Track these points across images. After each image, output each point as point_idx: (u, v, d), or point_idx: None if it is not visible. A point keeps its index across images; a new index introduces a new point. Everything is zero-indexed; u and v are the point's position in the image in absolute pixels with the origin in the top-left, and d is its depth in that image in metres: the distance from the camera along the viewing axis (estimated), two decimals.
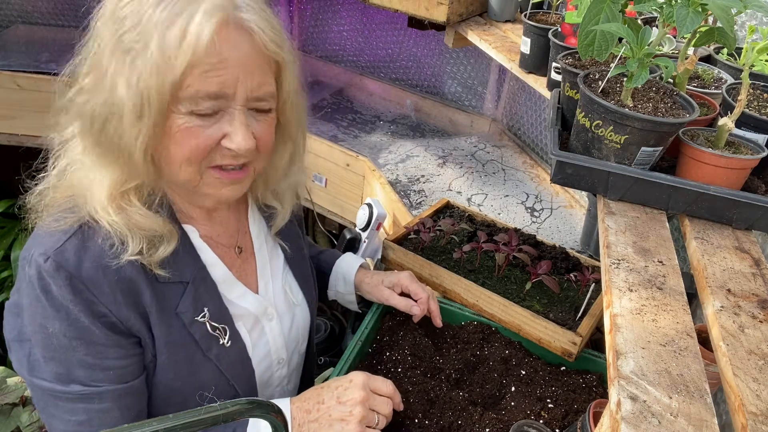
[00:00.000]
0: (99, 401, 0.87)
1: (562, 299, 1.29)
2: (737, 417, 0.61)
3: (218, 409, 0.83)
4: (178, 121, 0.82)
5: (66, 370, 0.85)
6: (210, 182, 0.89)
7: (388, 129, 2.65)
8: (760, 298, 0.77)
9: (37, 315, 0.84)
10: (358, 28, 2.97)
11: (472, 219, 1.60)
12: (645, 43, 0.88)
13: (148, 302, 0.88)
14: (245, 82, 0.83)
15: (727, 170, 0.89)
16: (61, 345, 0.84)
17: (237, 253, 1.04)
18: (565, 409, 1.10)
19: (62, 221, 0.86)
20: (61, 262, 0.82)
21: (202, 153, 0.85)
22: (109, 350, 0.87)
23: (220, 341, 0.96)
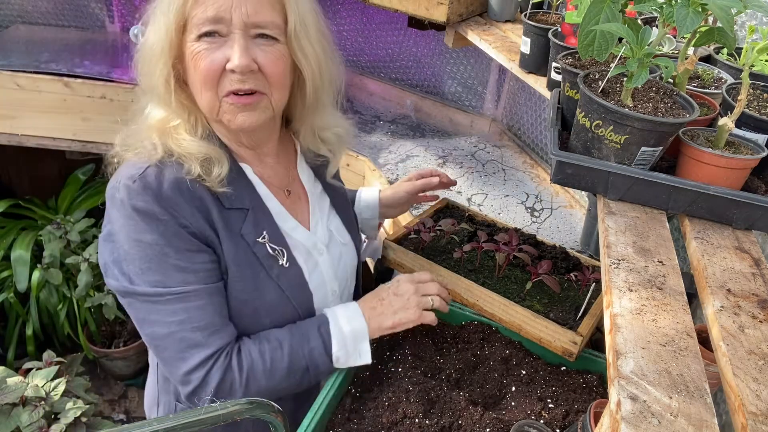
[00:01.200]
0: (195, 299, 0.99)
1: (563, 299, 1.29)
2: (737, 417, 0.61)
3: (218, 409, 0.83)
4: (190, 48, 0.98)
5: (162, 275, 0.98)
6: (226, 109, 1.01)
7: (388, 129, 2.65)
8: (760, 298, 0.77)
9: (131, 232, 0.97)
10: (358, 28, 2.97)
11: (473, 219, 1.60)
12: (645, 43, 0.88)
13: (217, 221, 1.02)
14: (239, 8, 0.95)
15: (727, 170, 0.89)
16: (155, 254, 0.97)
17: (286, 195, 1.18)
18: (566, 409, 1.11)
19: (141, 154, 1.02)
20: (146, 184, 0.97)
21: (212, 75, 0.98)
22: (195, 255, 1.00)
23: (280, 262, 1.09)
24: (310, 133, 1.19)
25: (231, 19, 0.95)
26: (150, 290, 0.98)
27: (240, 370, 1.01)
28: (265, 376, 1.03)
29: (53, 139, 2.83)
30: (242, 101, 1.00)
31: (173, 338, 0.99)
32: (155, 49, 0.98)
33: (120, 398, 3.14)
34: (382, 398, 1.10)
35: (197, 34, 0.96)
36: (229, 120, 1.02)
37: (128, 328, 3.07)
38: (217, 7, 0.95)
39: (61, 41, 3.10)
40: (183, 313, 0.98)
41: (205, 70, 0.97)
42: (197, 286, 0.99)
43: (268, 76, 1.00)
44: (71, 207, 3.29)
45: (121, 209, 0.98)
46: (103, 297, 2.77)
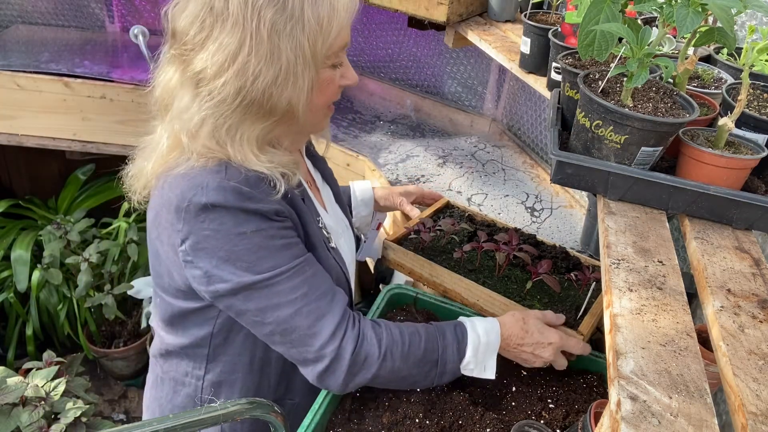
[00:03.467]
0: (308, 268, 1.02)
1: (563, 298, 1.29)
2: (737, 417, 0.61)
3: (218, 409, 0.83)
4: (325, 75, 1.02)
5: (274, 258, 0.99)
6: (326, 119, 1.12)
7: (388, 129, 2.65)
8: (760, 298, 0.77)
9: (231, 229, 0.97)
10: (358, 28, 2.97)
11: (473, 219, 1.60)
12: (645, 43, 0.88)
13: (299, 207, 1.07)
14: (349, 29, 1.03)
15: (727, 170, 0.90)
16: (261, 239, 0.98)
17: (310, 185, 1.23)
18: (566, 409, 1.11)
19: (209, 163, 0.99)
20: (234, 185, 0.96)
21: (335, 96, 1.08)
22: (291, 231, 1.03)
23: (330, 243, 1.17)
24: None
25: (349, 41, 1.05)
26: (267, 275, 0.98)
27: (379, 344, 1.02)
28: (401, 357, 1.03)
29: (53, 139, 2.83)
30: (332, 110, 1.12)
31: (301, 315, 0.99)
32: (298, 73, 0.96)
33: (120, 398, 3.14)
34: (383, 398, 1.10)
35: (334, 63, 1.04)
36: (322, 128, 1.14)
37: (128, 328, 3.07)
38: (347, 32, 1.02)
39: (61, 41, 3.10)
40: (304, 286, 1.00)
41: (333, 93, 1.07)
42: (305, 256, 1.03)
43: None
44: (71, 207, 3.29)
45: (211, 213, 0.96)
46: (103, 297, 2.77)
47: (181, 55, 0.97)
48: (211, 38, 0.93)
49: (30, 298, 2.92)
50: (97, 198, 3.30)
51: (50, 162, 3.41)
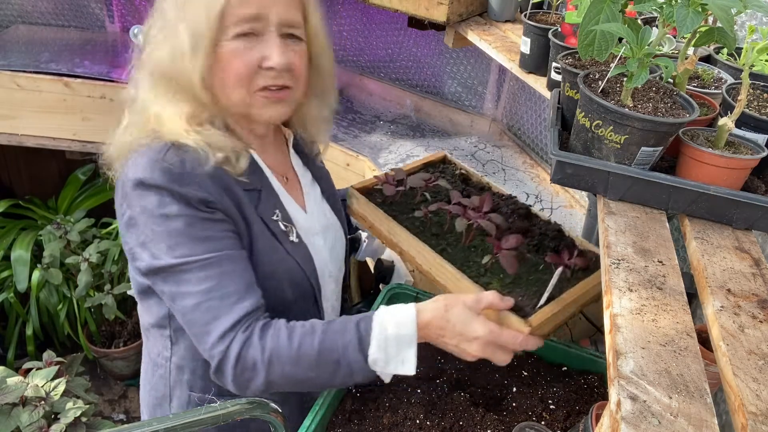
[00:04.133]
0: (222, 265, 1.00)
1: (533, 281, 1.12)
2: (737, 417, 0.60)
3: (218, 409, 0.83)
4: (226, 47, 1.00)
5: (190, 247, 0.99)
6: (257, 103, 1.05)
7: (388, 129, 2.65)
8: (760, 298, 0.77)
9: (154, 209, 0.99)
10: (358, 28, 2.97)
11: (466, 180, 1.45)
12: (645, 43, 0.88)
13: (241, 198, 1.06)
14: (276, 8, 1.00)
15: (727, 170, 0.89)
16: (181, 225, 0.99)
17: (284, 180, 1.21)
18: (567, 410, 1.11)
19: (154, 142, 1.03)
20: (170, 164, 1.00)
21: (248, 74, 1.01)
22: (218, 224, 1.02)
23: (290, 238, 1.13)
24: (300, 121, 1.25)
25: (268, 17, 1.00)
26: (178, 261, 0.99)
27: (263, 349, 0.98)
28: (291, 362, 0.98)
29: (53, 139, 2.83)
30: (275, 96, 1.05)
31: (200, 310, 0.99)
32: (192, 46, 0.99)
33: (120, 398, 3.14)
34: (383, 399, 1.10)
35: (236, 33, 0.99)
36: (259, 113, 1.07)
37: (128, 328, 3.07)
38: (258, 5, 0.99)
39: (61, 41, 3.10)
40: (210, 280, 0.99)
41: (242, 69, 1.01)
42: (223, 252, 1.01)
43: (297, 74, 1.06)
44: (71, 207, 3.29)
45: (141, 190, 0.99)
46: (103, 297, 2.77)
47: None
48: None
49: (30, 298, 2.92)
50: (97, 198, 3.30)
51: (50, 162, 3.42)
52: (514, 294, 1.07)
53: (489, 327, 0.97)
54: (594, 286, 1.09)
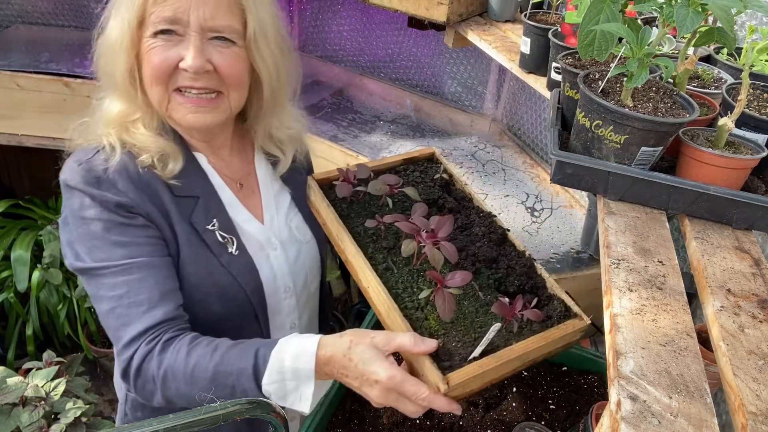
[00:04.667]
0: (137, 271, 1.00)
1: (478, 324, 0.97)
2: (737, 417, 0.60)
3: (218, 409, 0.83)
4: (146, 44, 1.00)
5: (107, 251, 1.00)
6: (175, 107, 1.04)
7: (388, 129, 2.64)
8: (760, 298, 0.77)
9: (76, 211, 1.01)
10: (358, 28, 2.96)
11: (448, 185, 1.27)
12: (645, 43, 0.88)
13: (167, 204, 1.05)
14: (197, 11, 0.98)
15: (727, 170, 0.89)
16: (98, 229, 1.00)
17: (239, 188, 1.18)
18: (567, 410, 1.11)
19: (93, 142, 1.06)
20: (92, 167, 1.02)
21: (165, 71, 1.00)
22: (138, 230, 1.02)
23: (229, 249, 1.10)
24: (263, 132, 1.21)
25: (188, 21, 0.98)
26: (95, 265, 1.00)
27: (159, 364, 0.95)
28: (185, 381, 0.94)
29: (53, 139, 2.82)
30: (194, 102, 1.03)
31: (113, 315, 0.99)
32: (117, 43, 1.01)
33: None
34: None
35: (153, 31, 0.99)
36: (179, 118, 1.05)
37: None
38: (175, 8, 0.97)
39: (61, 41, 3.10)
40: (124, 286, 0.99)
41: (157, 65, 1.00)
42: (140, 259, 1.01)
43: (225, 76, 1.03)
44: None
45: (67, 191, 1.03)
46: None
47: None
48: None
49: (30, 298, 2.92)
50: None
51: (50, 162, 3.41)
52: (450, 337, 0.93)
53: (391, 372, 0.86)
54: (548, 343, 0.95)
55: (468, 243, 1.09)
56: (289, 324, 1.24)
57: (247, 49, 1.06)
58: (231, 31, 1.02)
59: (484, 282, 1.04)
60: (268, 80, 1.11)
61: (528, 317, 0.94)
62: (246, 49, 1.05)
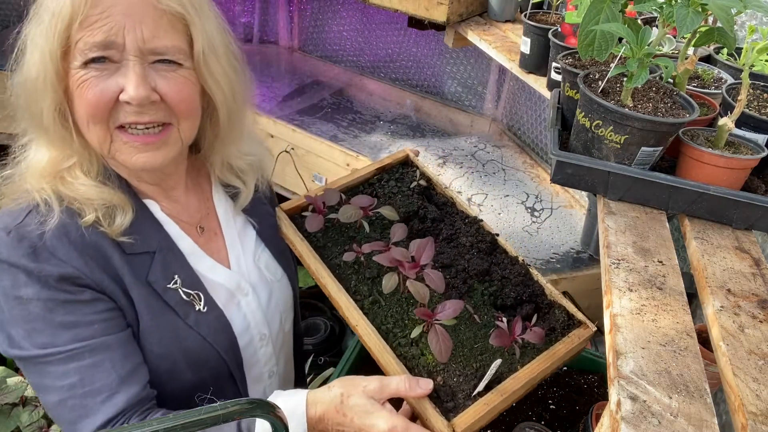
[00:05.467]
0: (89, 355, 0.87)
1: (478, 351, 0.91)
2: (737, 417, 0.60)
3: (218, 409, 0.83)
4: (75, 77, 0.84)
5: (50, 335, 0.86)
6: (120, 148, 0.89)
7: (388, 129, 2.65)
8: (760, 298, 0.77)
9: (9, 289, 0.85)
10: (358, 28, 2.97)
11: (428, 191, 1.17)
12: (645, 43, 0.88)
13: (119, 267, 0.90)
14: (134, 31, 0.82)
15: (727, 170, 0.89)
16: (39, 311, 0.85)
17: (199, 233, 1.04)
18: (567, 410, 1.11)
19: (21, 200, 0.89)
20: (24, 234, 0.85)
21: (103, 107, 0.85)
22: (88, 305, 0.87)
23: (196, 307, 0.97)
24: (220, 163, 1.07)
25: (124, 44, 0.82)
26: (39, 352, 0.85)
27: None
28: None
29: None
30: (142, 140, 0.88)
31: (65, 407, 0.86)
32: (38, 79, 0.84)
33: None
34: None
35: (83, 61, 0.83)
36: (125, 159, 0.90)
37: None
38: (107, 30, 0.81)
39: None
40: (75, 375, 0.86)
41: (93, 101, 0.84)
42: (91, 341, 0.87)
43: (174, 105, 0.88)
44: None
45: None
46: None
47: None
48: None
49: None
50: None
51: None
52: (450, 371, 0.88)
53: (392, 422, 0.81)
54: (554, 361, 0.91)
55: (456, 256, 1.04)
56: (267, 374, 1.13)
57: (196, 71, 0.91)
58: (176, 51, 0.87)
59: (479, 299, 0.99)
60: (223, 103, 0.96)
61: (529, 340, 0.91)
62: (195, 71, 0.91)
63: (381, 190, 1.18)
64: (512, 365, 0.90)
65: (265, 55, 3.21)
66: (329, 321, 2.52)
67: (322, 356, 2.39)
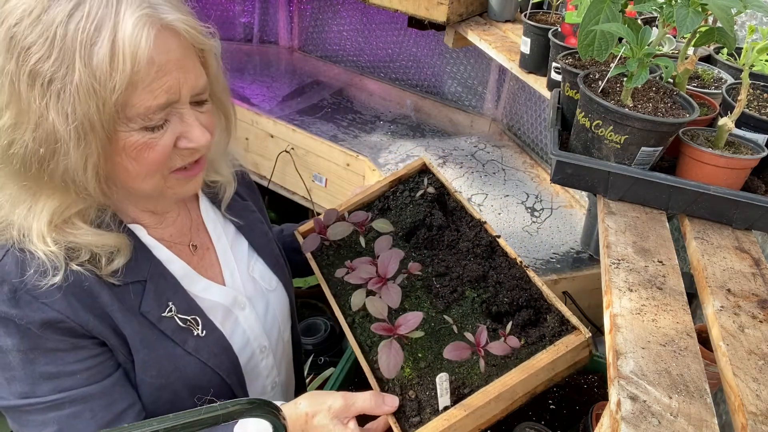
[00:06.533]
0: (69, 406, 0.84)
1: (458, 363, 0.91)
2: (737, 417, 0.60)
3: (218, 409, 0.83)
4: (131, 139, 0.80)
5: (30, 385, 0.83)
6: (173, 185, 0.89)
7: (388, 129, 2.65)
8: (760, 298, 0.77)
9: None
10: (358, 28, 2.97)
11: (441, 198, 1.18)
12: (645, 43, 0.88)
13: (107, 304, 0.85)
14: (186, 83, 0.82)
15: (727, 170, 0.89)
16: (19, 361, 0.81)
17: (192, 251, 1.02)
18: (567, 410, 1.11)
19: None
20: (2, 276, 0.80)
21: (163, 162, 0.84)
22: (70, 355, 0.84)
23: (194, 332, 0.94)
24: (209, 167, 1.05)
25: (179, 98, 0.82)
26: (19, 402, 0.83)
27: None
28: None
29: None
30: (191, 174, 0.90)
31: None
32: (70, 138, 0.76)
33: None
34: None
35: (143, 126, 0.80)
36: (174, 193, 0.91)
37: None
38: (167, 90, 0.79)
39: None
40: (54, 424, 0.84)
41: (155, 161, 0.83)
42: (73, 392, 0.84)
43: (212, 139, 0.91)
44: None
45: None
46: None
47: None
48: None
49: None
50: None
51: None
52: (425, 385, 0.88)
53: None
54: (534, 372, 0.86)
55: (454, 263, 1.03)
56: (270, 385, 1.13)
57: (210, 94, 0.92)
58: (205, 89, 0.88)
59: (468, 307, 0.98)
60: (227, 111, 0.99)
61: (492, 352, 0.86)
62: (212, 102, 0.92)
63: (394, 201, 1.20)
64: (489, 377, 0.86)
65: (265, 55, 3.21)
66: (329, 321, 2.52)
67: (322, 356, 2.38)
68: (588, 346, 0.90)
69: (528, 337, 0.91)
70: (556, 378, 0.91)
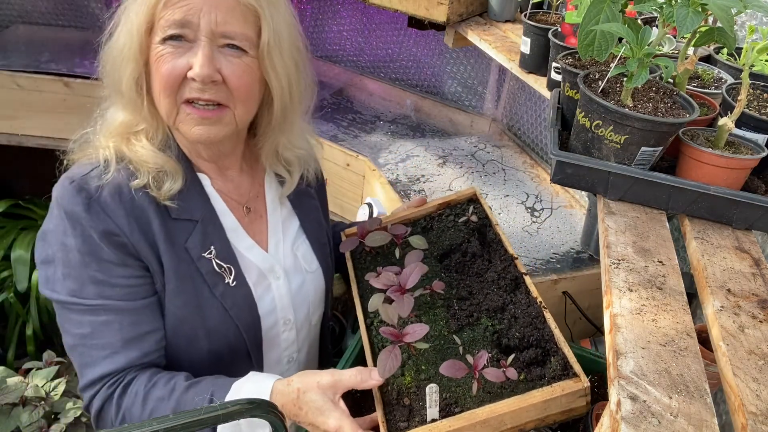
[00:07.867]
0: (104, 314, 0.96)
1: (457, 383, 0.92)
2: (737, 417, 0.60)
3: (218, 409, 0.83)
4: (155, 51, 0.94)
5: (79, 285, 0.95)
6: (183, 119, 0.97)
7: (388, 129, 2.64)
8: (760, 298, 0.77)
9: (59, 233, 0.96)
10: (358, 28, 2.97)
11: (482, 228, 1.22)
12: (645, 43, 0.88)
13: (157, 233, 0.97)
14: (209, 14, 0.91)
15: (727, 170, 0.89)
16: (76, 261, 0.95)
17: (245, 212, 1.11)
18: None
19: (92, 157, 1.00)
20: (83, 185, 0.96)
21: (173, 81, 0.94)
22: (118, 269, 0.96)
23: (226, 280, 1.03)
24: (272, 151, 1.13)
25: (198, 24, 0.92)
26: (66, 298, 0.96)
27: (118, 410, 0.96)
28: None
29: (53, 139, 2.83)
30: (201, 114, 0.96)
31: (76, 351, 0.98)
32: (125, 50, 0.95)
33: None
34: None
35: (162, 37, 0.92)
36: (185, 130, 0.98)
37: None
38: (185, 11, 0.91)
39: (61, 41, 3.10)
40: (87, 327, 0.96)
41: (166, 75, 0.93)
42: (110, 302, 0.96)
43: (233, 89, 0.96)
44: None
45: (55, 208, 0.97)
46: None
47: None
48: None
49: (30, 298, 2.92)
50: None
51: (50, 162, 3.41)
52: (420, 395, 0.91)
53: (340, 422, 0.86)
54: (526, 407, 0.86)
55: (477, 291, 1.07)
56: (286, 358, 1.18)
57: (259, 60, 0.98)
58: (243, 38, 0.95)
59: (480, 333, 0.99)
60: (279, 95, 1.03)
61: (487, 377, 0.86)
62: (258, 60, 0.98)
63: (438, 223, 1.26)
64: (482, 402, 0.87)
65: None
66: (331, 322, 2.52)
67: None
68: (585, 396, 0.88)
69: (528, 374, 0.91)
70: (548, 420, 0.89)
